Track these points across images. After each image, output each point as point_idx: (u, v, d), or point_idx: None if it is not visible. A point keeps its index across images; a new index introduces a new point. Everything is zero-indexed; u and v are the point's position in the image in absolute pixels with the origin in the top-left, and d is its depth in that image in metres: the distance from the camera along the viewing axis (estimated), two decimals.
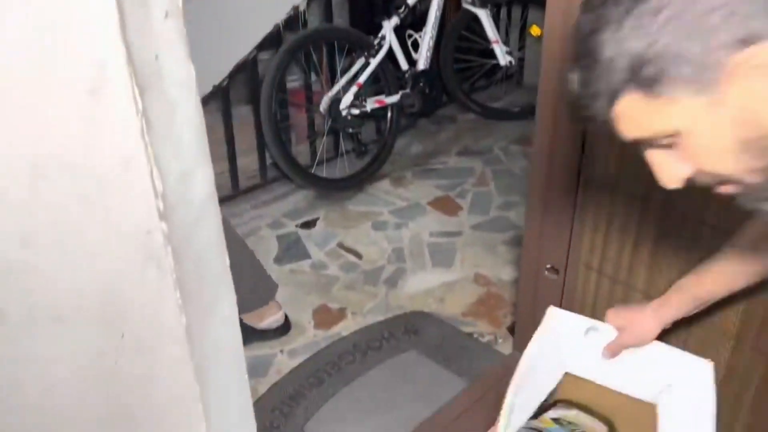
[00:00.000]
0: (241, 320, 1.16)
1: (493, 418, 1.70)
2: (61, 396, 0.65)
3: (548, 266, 1.69)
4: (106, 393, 0.69)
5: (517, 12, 3.80)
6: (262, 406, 1.76)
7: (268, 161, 2.92)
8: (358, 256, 2.52)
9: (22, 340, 0.60)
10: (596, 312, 1.57)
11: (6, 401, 0.61)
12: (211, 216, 0.71)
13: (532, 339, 1.13)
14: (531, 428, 1.09)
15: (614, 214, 1.43)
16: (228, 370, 0.80)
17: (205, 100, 2.54)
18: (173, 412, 0.77)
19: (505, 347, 2.01)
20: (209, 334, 0.76)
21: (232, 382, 0.81)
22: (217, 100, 2.70)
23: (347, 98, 2.79)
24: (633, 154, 1.33)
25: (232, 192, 2.81)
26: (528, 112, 3.50)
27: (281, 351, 2.03)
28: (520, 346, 1.91)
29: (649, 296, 1.44)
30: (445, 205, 2.84)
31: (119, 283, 0.66)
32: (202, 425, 0.81)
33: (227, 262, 0.76)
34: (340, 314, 2.20)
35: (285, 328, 2.06)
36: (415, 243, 2.59)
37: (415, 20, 3.08)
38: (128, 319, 0.68)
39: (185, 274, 0.71)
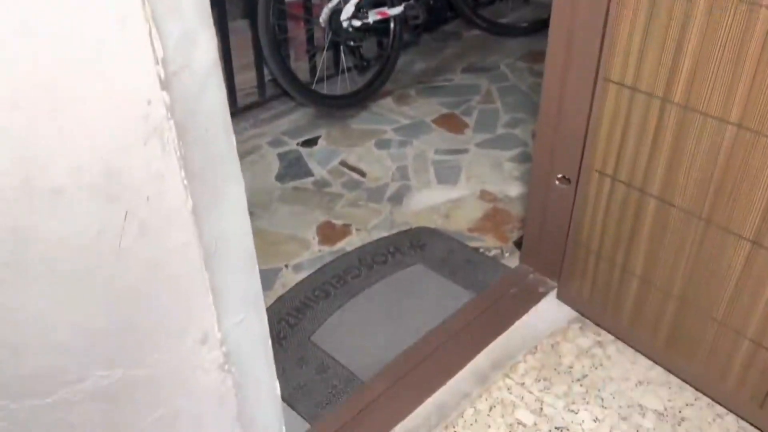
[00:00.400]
0: None
1: (500, 328, 1.70)
2: (63, 275, 0.62)
3: (559, 176, 1.65)
4: (110, 276, 0.65)
5: None
6: (268, 317, 1.76)
7: (267, 78, 2.83)
8: (362, 174, 2.47)
9: (20, 211, 0.56)
10: (608, 219, 1.54)
11: (5, 275, 0.57)
12: (216, 87, 0.66)
13: None
14: None
15: (632, 115, 1.37)
16: (237, 258, 0.77)
17: None
18: (181, 300, 0.74)
19: (512, 261, 2.00)
20: (217, 219, 0.73)
21: (241, 270, 0.78)
22: (212, 13, 2.58)
23: (348, 9, 2.67)
24: (654, 51, 1.27)
25: (230, 109, 2.73)
26: (535, 28, 3.38)
27: (286, 266, 2.02)
28: (527, 259, 1.90)
29: (664, 202, 1.40)
30: (450, 123, 2.77)
31: (120, 158, 0.62)
32: (212, 315, 0.79)
33: (233, 140, 0.71)
34: (345, 230, 2.18)
35: None
36: (420, 161, 2.54)
37: None
38: (131, 198, 0.64)
39: (190, 151, 0.67)
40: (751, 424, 1.47)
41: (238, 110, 2.77)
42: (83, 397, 0.70)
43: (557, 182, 1.66)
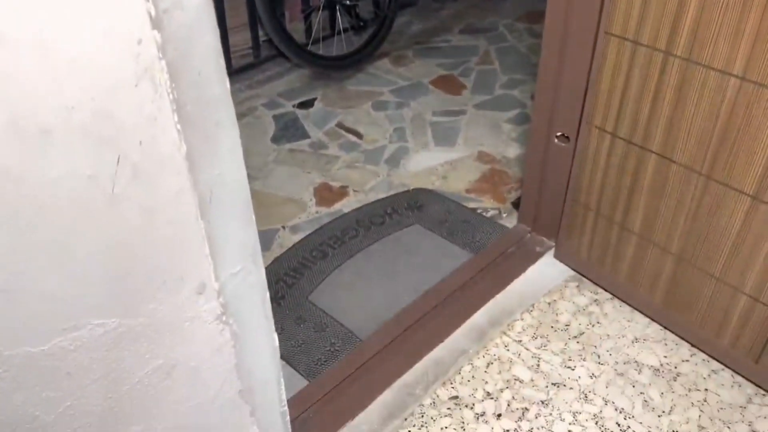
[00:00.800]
0: None
1: (497, 287, 1.71)
2: (54, 219, 0.60)
3: (558, 134, 1.63)
4: (103, 221, 0.64)
5: None
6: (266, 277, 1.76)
7: (262, 39, 2.78)
8: (359, 135, 2.45)
9: (8, 151, 0.55)
10: (607, 177, 1.53)
11: None
12: (208, 28, 0.64)
13: None
14: None
15: (633, 70, 1.35)
16: (234, 207, 0.76)
17: None
18: (176, 249, 0.73)
19: (509, 221, 1.99)
20: (212, 166, 0.71)
21: (238, 219, 0.77)
22: None
23: None
24: (657, 2, 1.25)
25: None
26: None
27: (283, 227, 2.01)
28: (525, 219, 1.90)
29: (664, 158, 1.39)
30: (448, 84, 2.74)
31: (111, 100, 0.60)
32: (209, 265, 0.78)
33: (227, 85, 0.69)
34: (342, 192, 2.16)
35: None
36: (417, 122, 2.51)
37: None
38: (124, 142, 0.63)
39: (183, 94, 0.65)
40: (747, 379, 1.48)
41: (232, 71, 2.73)
42: (79, 345, 0.69)
43: (556, 140, 1.64)
